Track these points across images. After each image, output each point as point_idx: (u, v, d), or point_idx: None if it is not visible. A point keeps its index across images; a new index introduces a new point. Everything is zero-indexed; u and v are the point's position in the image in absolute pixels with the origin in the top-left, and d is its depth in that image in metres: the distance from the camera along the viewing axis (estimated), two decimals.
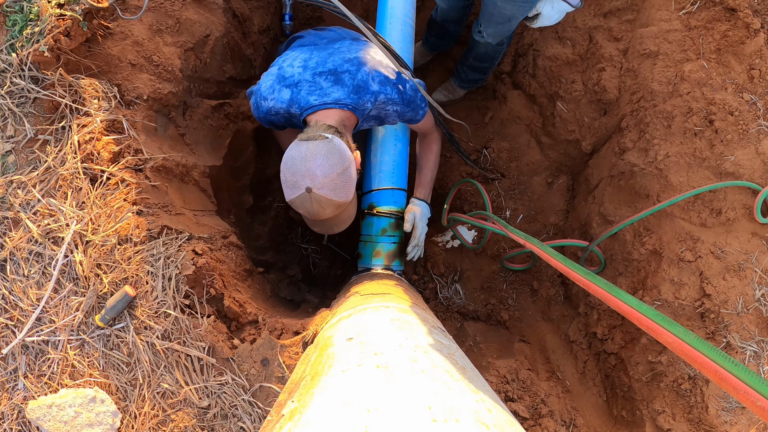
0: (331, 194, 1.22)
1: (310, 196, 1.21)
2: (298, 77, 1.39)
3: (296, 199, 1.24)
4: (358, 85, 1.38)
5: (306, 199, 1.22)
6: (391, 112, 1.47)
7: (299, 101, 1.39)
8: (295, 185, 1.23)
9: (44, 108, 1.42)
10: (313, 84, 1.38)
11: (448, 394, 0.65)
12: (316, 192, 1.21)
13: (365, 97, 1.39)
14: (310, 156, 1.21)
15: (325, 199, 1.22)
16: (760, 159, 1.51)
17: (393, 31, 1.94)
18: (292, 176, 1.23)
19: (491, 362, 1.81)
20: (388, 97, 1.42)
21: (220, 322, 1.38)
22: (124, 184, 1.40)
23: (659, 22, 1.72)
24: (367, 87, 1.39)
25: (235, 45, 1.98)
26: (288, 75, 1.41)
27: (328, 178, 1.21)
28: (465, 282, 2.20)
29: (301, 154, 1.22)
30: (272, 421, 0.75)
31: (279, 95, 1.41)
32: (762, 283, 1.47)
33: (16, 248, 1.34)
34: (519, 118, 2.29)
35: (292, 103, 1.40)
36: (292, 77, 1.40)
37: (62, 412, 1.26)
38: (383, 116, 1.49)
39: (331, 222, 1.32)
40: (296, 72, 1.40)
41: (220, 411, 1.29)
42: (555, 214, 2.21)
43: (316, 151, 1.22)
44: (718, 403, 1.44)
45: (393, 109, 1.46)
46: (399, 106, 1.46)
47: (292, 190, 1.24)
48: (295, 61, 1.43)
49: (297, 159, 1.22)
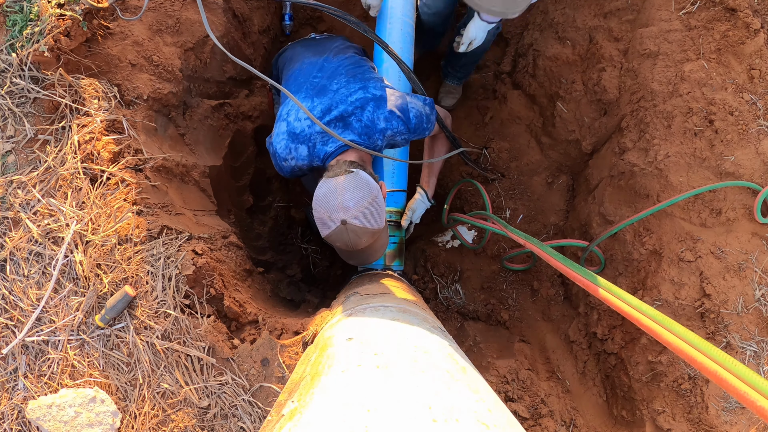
0: (365, 223, 1.26)
1: (345, 228, 1.26)
2: (308, 131, 1.45)
3: (333, 234, 1.28)
4: (366, 125, 1.44)
5: (342, 232, 1.27)
6: (400, 141, 1.54)
7: (317, 154, 1.45)
8: (330, 220, 1.27)
9: (44, 108, 1.42)
10: (324, 135, 1.44)
11: (448, 394, 0.65)
12: (351, 223, 1.25)
13: (374, 136, 1.46)
14: (341, 190, 1.27)
15: (360, 228, 1.26)
16: (760, 159, 1.51)
17: (393, 31, 1.94)
18: (326, 212, 1.27)
19: (491, 362, 1.81)
20: (395, 131, 1.48)
21: (220, 322, 1.38)
22: (124, 184, 1.40)
23: (659, 22, 1.72)
24: (374, 126, 1.45)
25: (235, 45, 1.98)
26: (299, 131, 1.46)
27: (360, 207, 1.26)
28: (465, 282, 2.20)
29: (331, 190, 1.28)
30: (272, 421, 0.75)
31: (297, 153, 1.47)
32: (762, 283, 1.47)
33: (16, 248, 1.34)
34: (519, 118, 2.29)
35: (312, 158, 1.46)
36: (303, 133, 1.45)
37: (62, 412, 1.26)
38: (393, 144, 1.56)
39: (367, 253, 1.37)
40: (305, 126, 1.45)
41: (220, 411, 1.29)
42: (555, 214, 2.21)
43: (345, 184, 1.28)
44: (718, 403, 1.44)
45: (401, 138, 1.53)
46: (406, 135, 1.52)
47: (327, 225, 1.28)
48: (300, 114, 1.47)
49: (328, 195, 1.28)
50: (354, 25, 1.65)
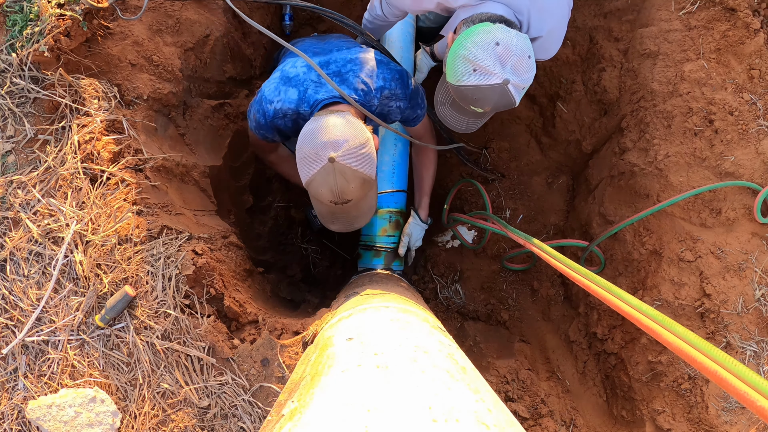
0: (355, 164, 1.16)
1: (333, 167, 1.14)
2: (303, 77, 1.37)
3: (318, 175, 1.17)
4: (363, 81, 1.37)
5: (329, 172, 1.15)
6: (394, 108, 1.46)
7: (308, 99, 1.35)
8: (316, 158, 1.16)
9: (44, 108, 1.42)
10: (319, 84, 1.36)
11: (448, 394, 0.65)
12: (340, 161, 1.14)
13: (371, 94, 1.38)
14: (331, 126, 1.17)
15: (350, 169, 1.15)
16: (760, 159, 1.51)
17: (393, 31, 1.95)
18: (312, 149, 1.17)
19: (491, 362, 1.81)
20: (392, 92, 1.41)
21: (220, 322, 1.38)
22: (124, 184, 1.40)
23: (659, 22, 1.72)
24: (371, 84, 1.38)
25: (235, 45, 1.98)
26: (293, 75, 1.39)
27: (351, 146, 1.16)
28: (465, 282, 2.20)
29: (320, 127, 1.18)
30: (272, 421, 0.75)
31: (286, 96, 1.38)
32: (762, 283, 1.47)
33: (16, 248, 1.34)
34: (519, 118, 2.28)
35: (300, 102, 1.36)
36: (297, 77, 1.38)
37: (62, 412, 1.26)
38: (386, 113, 1.48)
39: (353, 213, 1.26)
40: (301, 72, 1.39)
41: (220, 411, 1.29)
42: (555, 214, 2.21)
43: (335, 121, 1.18)
44: (718, 402, 1.44)
45: (396, 105, 1.45)
46: (402, 101, 1.45)
47: (312, 165, 1.17)
48: (297, 62, 1.42)
49: (316, 131, 1.17)
50: (351, 28, 1.65)
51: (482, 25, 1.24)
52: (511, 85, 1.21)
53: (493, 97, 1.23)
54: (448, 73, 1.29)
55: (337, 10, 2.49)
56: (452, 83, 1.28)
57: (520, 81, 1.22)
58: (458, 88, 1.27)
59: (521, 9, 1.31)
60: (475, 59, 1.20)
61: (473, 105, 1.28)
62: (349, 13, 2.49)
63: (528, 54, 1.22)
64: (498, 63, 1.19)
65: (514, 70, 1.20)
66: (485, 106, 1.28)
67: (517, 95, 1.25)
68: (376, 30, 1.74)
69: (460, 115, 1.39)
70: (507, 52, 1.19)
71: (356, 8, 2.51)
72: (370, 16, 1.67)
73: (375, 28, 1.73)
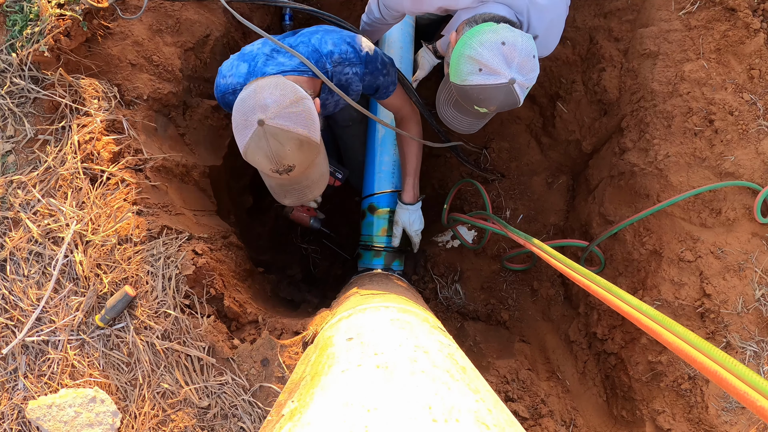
0: (287, 123, 1.10)
1: (263, 129, 1.08)
2: (256, 51, 1.35)
3: (251, 142, 1.11)
4: (314, 49, 1.33)
5: (260, 137, 1.09)
6: (351, 75, 1.39)
7: (255, 73, 1.32)
8: (246, 124, 1.11)
9: (44, 108, 1.42)
10: (270, 57, 1.32)
11: (448, 394, 0.65)
12: (270, 123, 1.08)
13: (322, 60, 1.33)
14: (259, 89, 1.12)
15: (281, 130, 1.09)
16: (760, 159, 1.51)
17: (393, 31, 1.95)
18: (241, 115, 1.12)
19: (491, 362, 1.81)
20: (343, 57, 1.35)
21: (220, 322, 1.38)
22: (124, 184, 1.40)
23: (659, 22, 1.72)
24: (321, 50, 1.34)
25: (235, 45, 1.98)
26: (247, 51, 1.37)
27: (281, 105, 1.10)
28: (465, 282, 2.20)
29: (250, 92, 1.13)
30: (272, 421, 0.75)
31: (237, 70, 1.35)
32: (762, 283, 1.47)
33: (16, 248, 1.34)
34: (519, 118, 2.28)
35: (249, 75, 1.32)
36: (250, 52, 1.36)
37: (62, 412, 1.26)
38: (345, 84, 1.42)
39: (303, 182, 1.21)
40: (255, 48, 1.36)
41: (220, 411, 1.29)
42: (555, 214, 2.21)
43: (264, 83, 1.13)
44: (718, 403, 1.44)
45: (352, 71, 1.38)
46: (357, 67, 1.38)
47: (244, 132, 1.11)
48: (256, 42, 1.40)
49: (246, 97, 1.13)
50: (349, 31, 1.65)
51: (487, 25, 1.24)
52: (517, 85, 1.21)
53: (499, 96, 1.23)
54: (452, 72, 1.29)
55: (337, 9, 2.50)
56: (456, 83, 1.28)
57: (525, 80, 1.22)
58: (463, 88, 1.27)
59: (521, 9, 1.32)
60: (481, 58, 1.20)
61: (477, 105, 1.28)
62: (349, 13, 2.50)
63: (533, 54, 1.23)
64: (504, 62, 1.19)
65: (519, 70, 1.20)
66: (490, 106, 1.28)
67: (522, 94, 1.25)
68: (373, 33, 1.73)
69: (462, 116, 1.39)
70: (513, 52, 1.19)
71: (356, 8, 2.51)
72: (368, 18, 1.67)
73: (373, 31, 1.72)
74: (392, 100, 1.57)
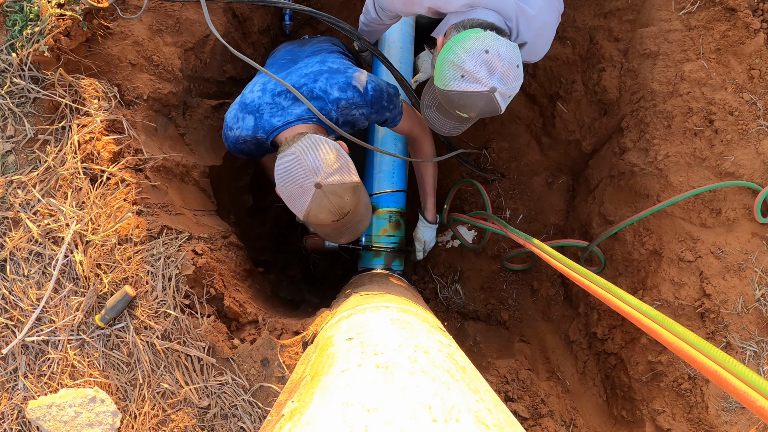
0: (340, 178, 1.18)
1: (323, 191, 1.16)
2: (258, 101, 1.37)
3: (312, 205, 1.18)
4: (318, 96, 1.36)
5: (322, 197, 1.17)
6: (358, 116, 1.43)
7: (263, 125, 1.36)
8: (302, 190, 1.18)
9: (44, 108, 1.42)
10: (273, 105, 1.35)
11: (448, 394, 0.65)
12: (327, 183, 1.16)
13: (327, 107, 1.37)
14: (300, 155, 1.18)
15: (338, 185, 1.17)
16: (760, 159, 1.51)
17: (393, 32, 1.95)
18: (294, 185, 1.19)
19: (491, 362, 1.81)
20: (349, 102, 1.38)
21: (220, 322, 1.38)
22: (124, 184, 1.40)
23: (659, 22, 1.72)
24: (326, 96, 1.36)
25: (235, 45, 1.98)
26: (249, 101, 1.39)
27: (328, 164, 1.17)
28: (465, 282, 2.20)
29: (290, 161, 1.19)
30: (272, 421, 0.75)
31: (243, 123, 1.39)
32: (762, 283, 1.47)
33: (16, 248, 1.34)
34: (519, 118, 2.29)
35: (257, 128, 1.37)
36: (252, 103, 1.38)
37: (62, 412, 1.26)
38: (352, 121, 1.46)
39: (356, 219, 1.28)
40: (256, 97, 1.38)
41: (220, 411, 1.29)
42: (555, 214, 2.21)
43: (299, 149, 1.18)
44: (718, 403, 1.44)
45: (359, 112, 1.42)
46: (363, 108, 1.42)
47: (302, 198, 1.18)
48: (254, 87, 1.41)
49: (290, 167, 1.19)
50: (347, 32, 1.65)
51: (473, 32, 1.23)
52: (498, 93, 1.21)
53: (479, 103, 1.24)
54: (436, 76, 1.29)
55: (337, 10, 2.50)
56: (439, 87, 1.28)
57: (507, 89, 1.22)
58: (445, 93, 1.27)
59: (510, 15, 1.31)
60: (464, 65, 1.20)
61: (459, 110, 1.29)
62: (349, 13, 2.50)
63: (516, 63, 1.22)
64: (486, 71, 1.19)
65: (501, 79, 1.20)
66: (470, 112, 1.28)
67: (503, 103, 1.25)
68: (372, 33, 1.74)
69: (445, 119, 1.39)
70: (496, 61, 1.19)
71: (356, 9, 2.51)
72: (365, 19, 1.67)
73: (371, 31, 1.72)
74: (401, 126, 1.61)
